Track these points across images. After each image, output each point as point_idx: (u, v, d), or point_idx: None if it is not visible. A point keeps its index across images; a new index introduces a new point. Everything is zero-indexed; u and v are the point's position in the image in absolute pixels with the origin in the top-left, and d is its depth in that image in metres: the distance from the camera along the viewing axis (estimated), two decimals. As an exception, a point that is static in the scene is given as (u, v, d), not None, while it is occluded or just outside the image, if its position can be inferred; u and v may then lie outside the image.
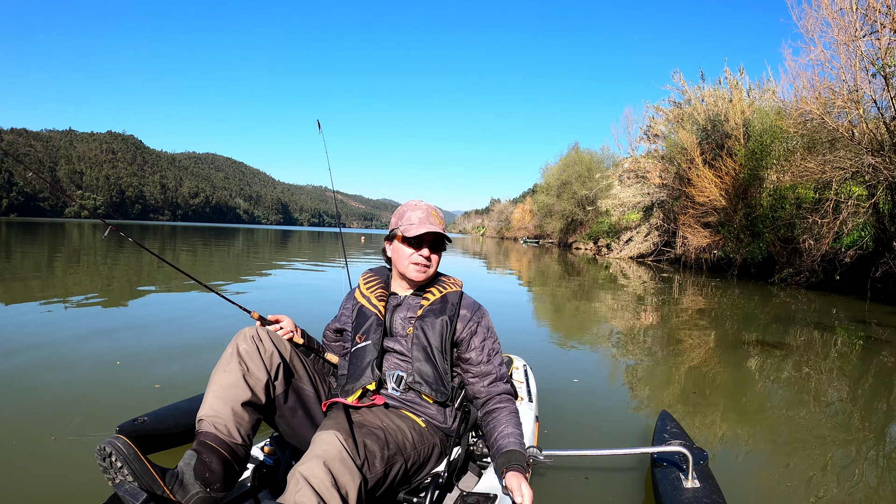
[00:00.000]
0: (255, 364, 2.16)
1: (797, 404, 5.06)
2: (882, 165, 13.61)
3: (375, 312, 2.54)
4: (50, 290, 9.82)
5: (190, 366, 5.21)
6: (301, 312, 8.50)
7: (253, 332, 2.23)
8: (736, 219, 22.08)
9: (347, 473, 1.87)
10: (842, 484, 3.30)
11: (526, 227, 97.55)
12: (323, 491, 1.76)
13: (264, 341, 2.23)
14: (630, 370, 6.17)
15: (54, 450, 3.28)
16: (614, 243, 38.24)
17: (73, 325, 6.94)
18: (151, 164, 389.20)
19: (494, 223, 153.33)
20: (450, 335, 2.48)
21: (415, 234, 2.45)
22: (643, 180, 34.29)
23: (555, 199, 62.78)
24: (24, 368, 4.92)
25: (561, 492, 3.07)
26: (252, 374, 2.14)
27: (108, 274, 13.28)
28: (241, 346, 2.18)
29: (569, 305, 11.94)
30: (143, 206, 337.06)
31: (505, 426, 2.39)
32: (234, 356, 2.15)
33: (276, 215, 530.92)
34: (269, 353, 2.22)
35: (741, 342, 7.89)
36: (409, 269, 2.53)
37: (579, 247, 51.39)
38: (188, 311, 8.23)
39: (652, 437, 3.41)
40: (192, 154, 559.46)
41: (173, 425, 3.21)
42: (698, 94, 28.97)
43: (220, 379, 2.11)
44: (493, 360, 2.54)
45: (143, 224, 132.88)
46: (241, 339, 2.21)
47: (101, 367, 5.06)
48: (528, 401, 3.58)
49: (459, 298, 2.59)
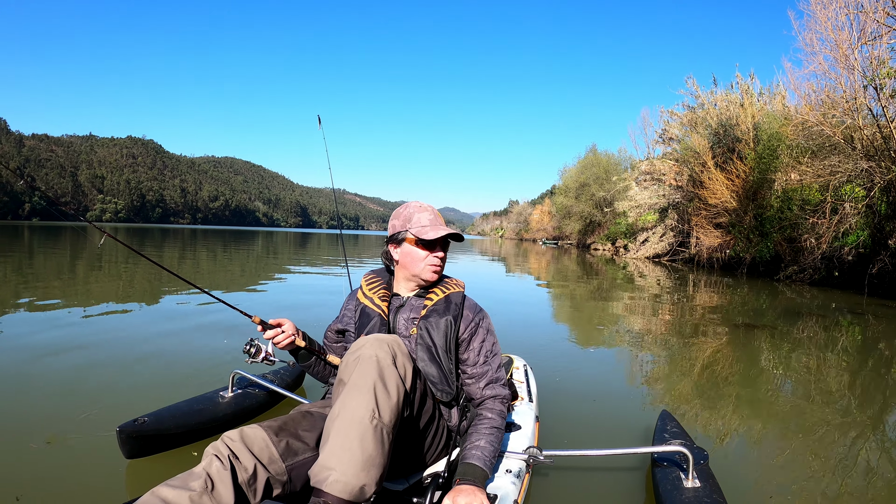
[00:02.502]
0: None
1: (798, 403, 5.03)
2: (876, 170, 14.77)
3: (379, 313, 2.54)
4: (55, 294, 9.64)
5: (190, 367, 5.18)
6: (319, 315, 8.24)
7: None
8: (746, 220, 22.91)
9: (403, 356, 2.08)
10: (843, 483, 3.30)
11: (545, 229, 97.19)
12: (385, 367, 1.98)
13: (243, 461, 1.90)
14: (630, 369, 6.20)
15: (54, 451, 3.22)
16: (631, 244, 38.92)
17: (74, 325, 6.89)
18: (171, 169, 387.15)
19: (513, 225, 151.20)
20: (454, 335, 2.49)
21: (434, 236, 2.47)
22: (659, 182, 35.02)
23: (573, 200, 63.34)
24: (24, 368, 4.90)
25: (561, 492, 3.05)
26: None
27: (119, 278, 13.03)
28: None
29: (580, 305, 12.07)
30: (163, 210, 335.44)
31: (479, 438, 2.33)
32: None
33: (295, 218, 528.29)
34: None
35: (742, 341, 7.96)
36: (424, 271, 2.53)
37: (597, 248, 51.52)
38: (192, 315, 8.03)
39: (652, 436, 3.42)
40: (211, 158, 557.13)
41: (173, 425, 3.21)
42: (711, 98, 29.73)
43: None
44: (491, 362, 2.55)
45: (164, 227, 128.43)
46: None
47: (101, 367, 5.03)
48: (528, 401, 3.59)
49: (462, 299, 2.60)
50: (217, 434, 3.25)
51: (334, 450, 1.81)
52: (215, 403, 3.57)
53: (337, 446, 1.82)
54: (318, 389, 4.52)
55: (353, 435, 1.82)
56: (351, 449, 1.80)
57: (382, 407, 1.91)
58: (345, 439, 1.82)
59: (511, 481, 2.47)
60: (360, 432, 1.83)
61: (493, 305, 9.80)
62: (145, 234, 56.37)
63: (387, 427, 1.90)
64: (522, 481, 2.58)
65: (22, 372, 4.81)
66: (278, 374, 4.27)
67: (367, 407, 1.88)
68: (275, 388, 3.82)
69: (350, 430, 1.84)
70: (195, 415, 3.39)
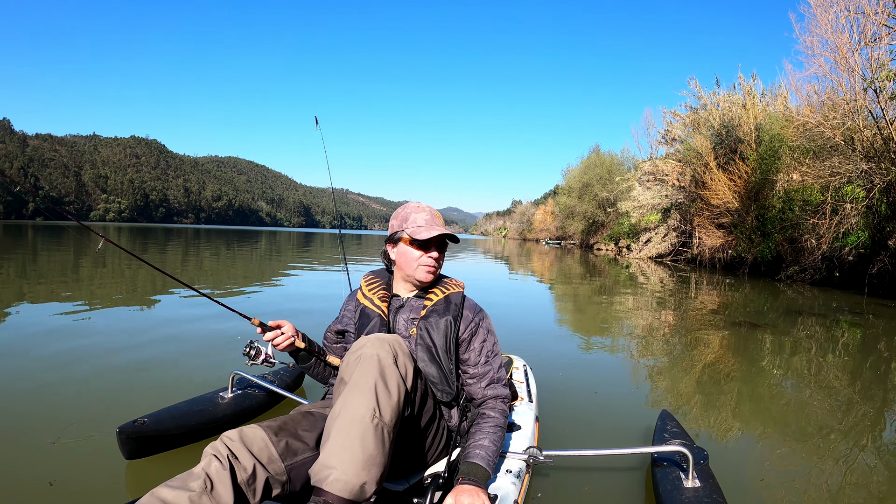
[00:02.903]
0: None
1: (798, 403, 5.06)
2: (876, 171, 14.86)
3: (379, 313, 2.53)
4: (56, 295, 9.59)
5: (189, 368, 5.19)
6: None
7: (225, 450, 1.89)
8: (748, 220, 23.01)
9: (404, 356, 2.07)
10: (843, 482, 3.32)
11: (548, 229, 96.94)
12: (386, 367, 1.96)
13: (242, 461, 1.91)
14: (631, 369, 6.22)
15: (54, 451, 3.23)
16: (634, 244, 39.04)
17: (74, 325, 6.90)
18: (175, 168, 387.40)
19: (516, 225, 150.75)
20: (454, 335, 2.48)
21: (427, 236, 2.46)
22: (662, 183, 35.12)
23: (576, 200, 63.47)
24: (24, 369, 4.90)
25: (561, 492, 3.04)
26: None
27: (121, 277, 13.28)
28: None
29: (581, 306, 12.10)
30: (167, 210, 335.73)
31: (482, 437, 2.34)
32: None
33: (298, 218, 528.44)
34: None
35: (742, 341, 7.98)
36: (418, 272, 2.52)
37: (601, 248, 51.78)
38: (192, 316, 7.99)
39: (652, 436, 3.43)
40: (214, 158, 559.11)
41: (173, 426, 3.21)
42: (713, 99, 29.88)
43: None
44: (492, 362, 2.55)
45: (168, 227, 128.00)
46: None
47: (101, 368, 5.02)
48: (528, 401, 3.59)
49: (462, 299, 2.59)
50: (217, 435, 3.20)
51: (335, 449, 1.81)
52: (215, 404, 3.56)
53: (338, 445, 1.82)
54: (317, 390, 4.50)
55: (354, 434, 1.83)
56: (352, 448, 1.80)
57: (383, 406, 1.91)
58: (346, 438, 1.82)
59: (511, 481, 2.46)
60: (360, 431, 1.83)
61: (493, 305, 9.84)
62: (149, 234, 56.20)
63: (388, 426, 1.90)
64: (522, 481, 2.58)
65: (22, 373, 4.79)
66: (278, 374, 4.26)
67: (368, 406, 1.88)
68: (274, 389, 3.81)
69: (351, 429, 1.84)
70: (195, 415, 3.39)
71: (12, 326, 6.82)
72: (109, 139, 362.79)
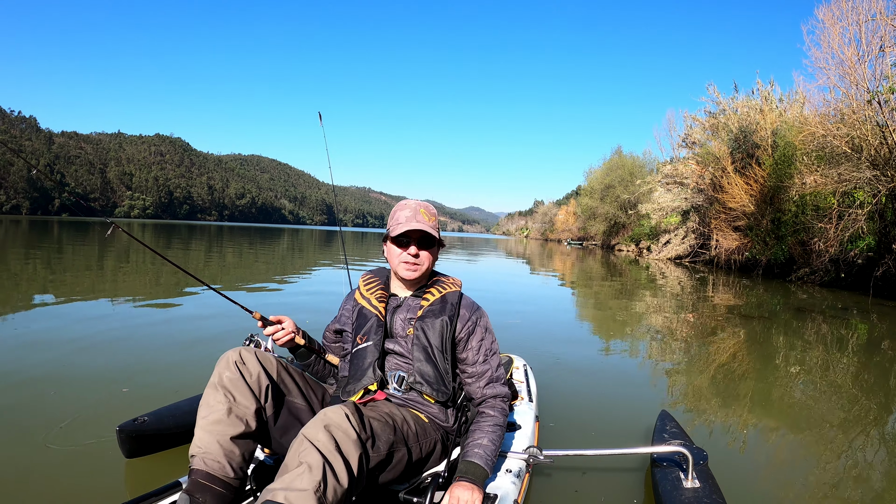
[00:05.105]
0: (241, 393, 2.09)
1: (798, 403, 5.11)
2: (882, 178, 15.76)
3: (376, 313, 2.52)
4: (64, 290, 9.79)
5: (190, 365, 5.21)
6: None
7: (235, 356, 2.16)
8: (763, 223, 23.51)
9: (350, 442, 1.86)
10: (843, 482, 3.33)
11: (570, 229, 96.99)
12: (327, 453, 1.77)
13: (248, 364, 2.16)
14: (630, 369, 6.27)
15: (54, 450, 3.24)
16: (654, 245, 39.42)
17: (74, 325, 6.90)
18: (199, 166, 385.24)
19: (538, 225, 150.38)
20: (450, 335, 2.47)
21: (397, 232, 2.45)
22: (681, 185, 35.55)
23: (598, 202, 63.77)
24: (24, 368, 4.90)
25: (561, 492, 3.06)
26: (239, 405, 2.08)
27: (136, 273, 13.39)
28: (224, 375, 2.11)
29: (599, 305, 12.29)
30: (190, 207, 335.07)
31: (481, 436, 2.36)
32: (218, 388, 2.08)
33: (321, 216, 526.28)
34: (255, 377, 2.15)
35: (742, 341, 8.06)
36: (399, 268, 2.52)
37: (622, 248, 52.10)
38: (195, 312, 8.17)
39: (652, 436, 3.43)
40: (237, 156, 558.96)
41: (173, 425, 3.19)
42: (732, 104, 30.30)
43: (206, 414, 2.05)
44: (490, 361, 2.53)
45: (191, 224, 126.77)
46: (224, 366, 2.14)
47: (101, 367, 5.04)
48: (528, 401, 3.59)
49: (459, 298, 2.57)
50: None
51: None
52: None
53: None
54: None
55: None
56: None
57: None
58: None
59: (511, 481, 2.49)
60: None
61: (502, 306, 10.35)
62: (172, 231, 56.86)
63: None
64: (522, 481, 2.61)
65: (22, 371, 4.82)
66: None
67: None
68: None
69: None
70: (195, 414, 3.23)
71: (11, 326, 6.78)
72: (134, 137, 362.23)
